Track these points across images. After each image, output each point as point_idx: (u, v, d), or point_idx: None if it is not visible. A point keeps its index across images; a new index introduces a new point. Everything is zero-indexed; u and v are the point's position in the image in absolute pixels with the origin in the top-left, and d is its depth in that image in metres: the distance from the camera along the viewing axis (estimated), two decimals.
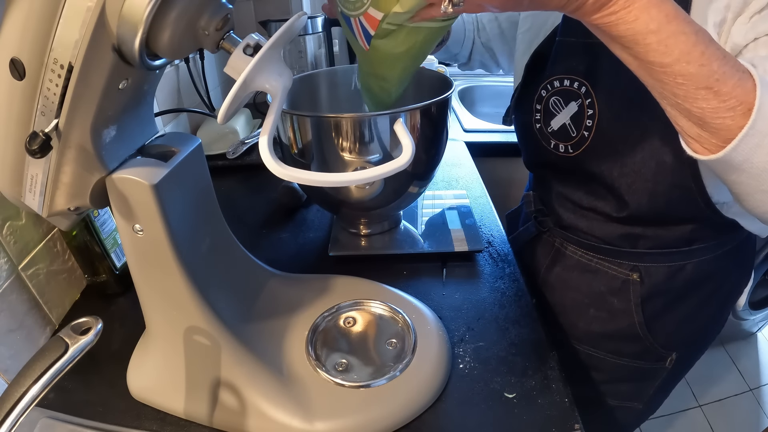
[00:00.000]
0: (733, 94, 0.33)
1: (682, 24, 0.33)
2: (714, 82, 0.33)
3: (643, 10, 0.32)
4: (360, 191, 0.62)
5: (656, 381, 0.74)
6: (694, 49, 0.33)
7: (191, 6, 0.33)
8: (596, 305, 0.70)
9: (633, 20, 0.33)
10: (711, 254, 0.64)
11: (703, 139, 0.36)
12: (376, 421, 0.46)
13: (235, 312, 0.51)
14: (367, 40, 0.44)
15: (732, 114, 0.33)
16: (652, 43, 0.33)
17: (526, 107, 0.66)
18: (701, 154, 0.37)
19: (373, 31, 0.42)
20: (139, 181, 0.39)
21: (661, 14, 0.32)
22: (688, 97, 0.34)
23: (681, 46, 0.33)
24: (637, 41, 0.33)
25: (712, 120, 0.34)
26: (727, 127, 0.34)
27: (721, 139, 0.35)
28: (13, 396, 0.28)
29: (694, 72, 0.33)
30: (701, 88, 0.33)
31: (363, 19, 0.42)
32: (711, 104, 0.33)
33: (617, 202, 0.61)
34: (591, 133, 0.58)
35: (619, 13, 0.33)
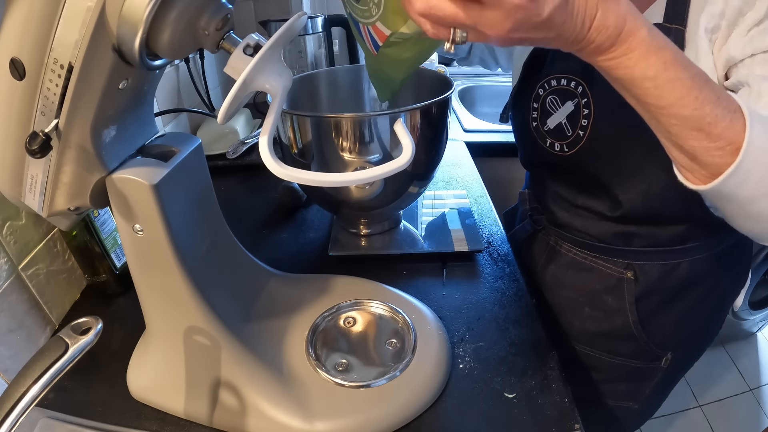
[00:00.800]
0: (724, 136, 0.35)
1: (679, 70, 0.34)
2: (706, 125, 0.34)
3: (642, 57, 0.33)
4: (360, 191, 0.62)
5: (652, 381, 0.74)
6: (689, 94, 0.34)
7: (191, 6, 0.33)
8: (591, 304, 0.70)
9: (632, 66, 0.34)
10: (705, 253, 0.64)
11: (694, 170, 0.38)
12: (376, 421, 0.46)
13: (235, 312, 0.51)
14: (375, 48, 0.45)
15: (721, 153, 0.35)
16: (649, 87, 0.34)
17: (524, 106, 0.67)
18: (692, 182, 0.39)
19: (381, 42, 0.43)
20: (139, 181, 0.39)
21: (660, 62, 0.33)
22: (680, 136, 0.36)
23: (676, 91, 0.34)
24: (634, 85, 0.35)
25: (703, 157, 0.36)
26: (716, 164, 0.36)
27: (710, 172, 0.37)
28: (13, 396, 0.28)
29: (687, 115, 0.34)
30: (693, 129, 0.35)
31: (371, 29, 0.43)
32: (702, 144, 0.35)
33: (611, 201, 0.61)
34: (586, 133, 0.58)
35: (620, 59, 0.34)
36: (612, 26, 0.32)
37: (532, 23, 0.30)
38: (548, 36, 0.32)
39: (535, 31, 0.32)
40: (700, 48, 0.47)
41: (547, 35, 0.32)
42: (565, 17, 0.31)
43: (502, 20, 0.30)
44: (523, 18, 0.30)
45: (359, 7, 0.42)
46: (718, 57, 0.47)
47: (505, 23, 0.30)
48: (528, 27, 0.31)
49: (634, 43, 0.33)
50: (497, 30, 0.31)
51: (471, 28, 0.31)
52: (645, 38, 0.33)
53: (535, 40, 0.33)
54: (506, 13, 0.29)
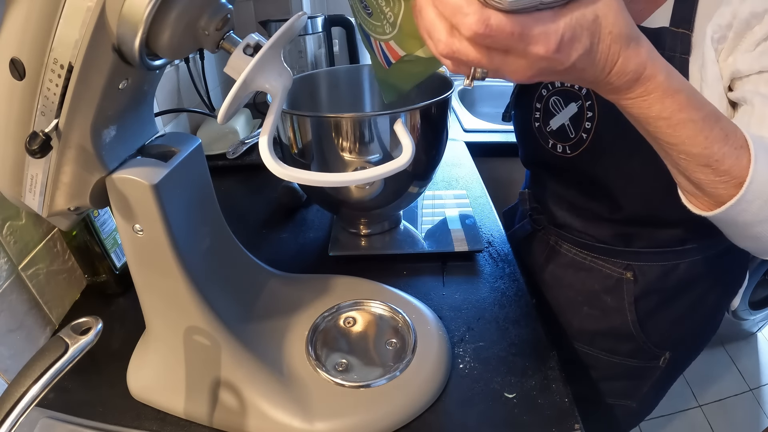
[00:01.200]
0: (729, 172, 0.36)
1: (692, 112, 0.34)
2: (713, 162, 0.36)
3: (658, 100, 0.33)
4: (360, 191, 0.62)
5: (650, 380, 0.74)
6: (700, 134, 0.35)
7: (191, 6, 0.33)
8: (590, 303, 0.70)
9: (647, 107, 0.34)
10: (704, 254, 0.64)
11: (698, 197, 0.40)
12: (376, 421, 0.46)
13: (235, 312, 0.51)
14: (387, 63, 0.44)
15: (725, 186, 0.37)
16: (662, 126, 0.35)
17: (526, 105, 0.67)
18: (695, 206, 0.41)
19: (394, 60, 0.42)
20: (139, 181, 0.39)
21: (675, 104, 0.34)
22: (688, 169, 0.37)
23: (688, 132, 0.35)
24: (648, 123, 0.35)
25: (707, 188, 0.37)
26: (719, 195, 0.37)
27: (713, 200, 0.38)
28: (13, 396, 0.28)
29: (696, 153, 0.35)
30: (701, 165, 0.36)
31: (384, 46, 0.42)
32: (708, 177, 0.37)
33: (612, 203, 0.61)
34: (589, 136, 0.58)
35: (636, 100, 0.34)
36: (632, 72, 0.32)
37: (555, 70, 0.31)
38: (567, 78, 0.33)
39: (556, 76, 0.32)
40: (706, 55, 0.47)
41: (566, 78, 0.33)
42: (587, 64, 0.31)
43: (525, 68, 0.30)
44: (547, 67, 0.30)
45: (372, 22, 0.41)
46: (723, 67, 0.47)
47: (528, 71, 0.30)
48: (550, 73, 0.31)
49: (651, 87, 0.33)
50: (519, 76, 0.31)
51: (493, 70, 0.31)
52: (662, 83, 0.33)
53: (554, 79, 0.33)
54: (530, 63, 0.29)
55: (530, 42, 0.28)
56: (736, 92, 0.46)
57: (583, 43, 0.29)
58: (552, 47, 0.28)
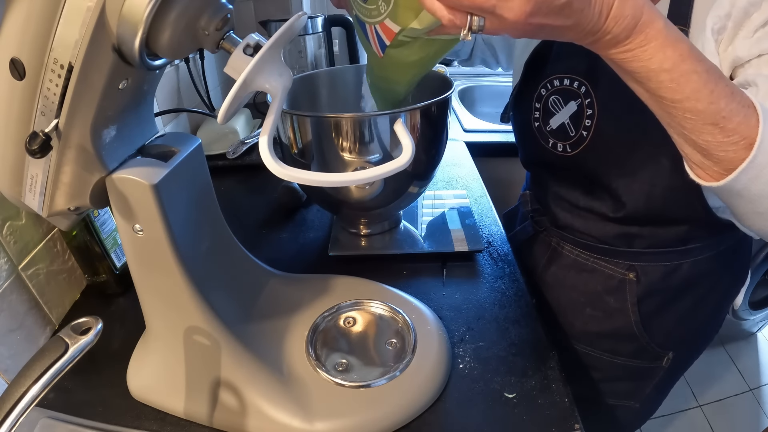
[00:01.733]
0: (738, 131, 0.34)
1: (695, 63, 0.33)
2: (720, 119, 0.34)
3: (659, 49, 0.33)
4: (360, 191, 0.62)
5: (653, 380, 0.74)
6: (705, 87, 0.34)
7: (191, 6, 0.33)
8: (592, 304, 0.70)
9: (648, 59, 0.33)
10: (707, 254, 0.64)
11: (705, 167, 0.38)
12: (376, 421, 0.46)
13: (235, 312, 0.51)
14: (382, 48, 0.44)
15: (735, 148, 0.35)
16: (665, 80, 0.34)
17: (525, 105, 0.66)
18: (703, 179, 0.39)
19: (389, 42, 0.42)
20: (139, 181, 0.39)
21: (676, 54, 0.33)
22: (694, 131, 0.36)
23: (692, 84, 0.34)
24: (650, 78, 0.34)
25: (716, 152, 0.36)
26: (729, 159, 0.35)
27: (722, 168, 0.36)
28: (13, 396, 0.28)
29: (702, 109, 0.34)
30: (708, 123, 0.35)
31: (379, 28, 0.42)
32: (716, 138, 0.35)
33: (614, 202, 0.61)
34: (589, 134, 0.58)
35: (635, 51, 0.33)
36: (629, 16, 0.32)
37: (552, 7, 0.30)
38: (566, 23, 0.32)
39: (554, 17, 0.31)
40: (706, 48, 0.47)
41: (564, 22, 0.32)
42: (584, 4, 0.31)
43: (522, 3, 0.29)
44: (544, 0, 0.29)
45: (366, 7, 0.41)
46: (724, 57, 0.47)
47: (525, 6, 0.30)
48: (547, 11, 0.30)
49: (651, 33, 0.32)
50: (516, 13, 0.30)
51: (489, 11, 0.31)
52: (662, 29, 0.32)
53: (553, 28, 0.32)
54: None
55: None
56: (739, 79, 0.46)
57: None
58: None
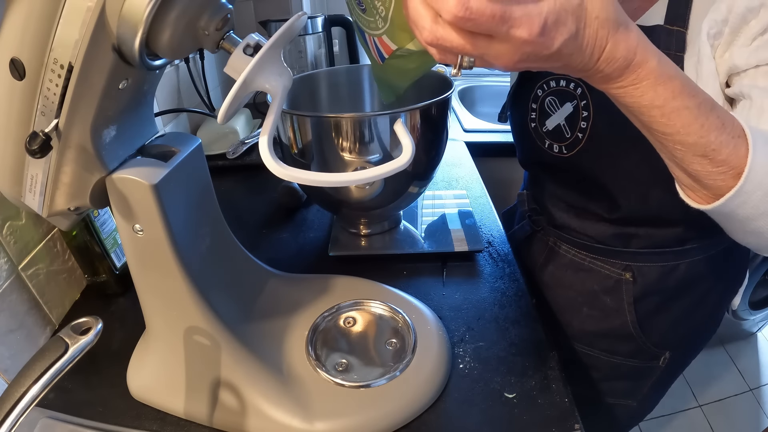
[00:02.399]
0: (727, 162, 0.35)
1: (687, 99, 0.34)
2: (710, 152, 0.35)
3: (650, 87, 0.33)
4: (360, 191, 0.62)
5: (650, 380, 0.74)
6: (695, 122, 0.34)
7: (191, 6, 0.33)
8: (589, 304, 0.70)
9: (640, 96, 0.34)
10: (704, 254, 0.64)
11: (696, 190, 0.39)
12: (376, 421, 0.46)
13: (235, 312, 0.51)
14: (381, 58, 0.44)
15: (723, 177, 0.36)
16: (656, 116, 0.34)
17: (522, 106, 0.67)
18: (694, 200, 0.40)
19: (387, 55, 0.42)
20: (139, 181, 0.39)
21: (668, 91, 0.33)
22: (684, 160, 0.36)
23: (683, 120, 0.34)
24: (642, 112, 0.35)
25: (705, 180, 0.37)
26: (718, 187, 0.36)
27: (712, 193, 0.38)
28: (13, 396, 0.28)
29: (692, 142, 0.35)
30: (698, 155, 0.35)
31: (377, 41, 0.42)
32: (705, 168, 0.36)
33: (610, 203, 0.61)
34: (585, 135, 0.58)
35: (627, 88, 0.33)
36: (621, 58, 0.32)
37: (540, 56, 0.30)
38: (555, 65, 0.32)
39: (542, 62, 0.31)
40: (702, 52, 0.47)
41: (554, 65, 0.32)
42: (574, 49, 0.31)
43: (510, 53, 0.30)
44: (532, 51, 0.29)
45: (366, 18, 0.42)
46: (720, 63, 0.47)
47: (513, 56, 0.30)
48: (536, 59, 0.30)
49: (643, 73, 0.33)
50: (505, 61, 0.30)
51: (478, 57, 0.31)
52: (654, 69, 0.32)
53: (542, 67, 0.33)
54: (515, 48, 0.29)
55: (512, 25, 0.27)
56: (734, 87, 0.46)
57: (568, 27, 0.29)
58: (535, 31, 0.28)
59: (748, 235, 0.41)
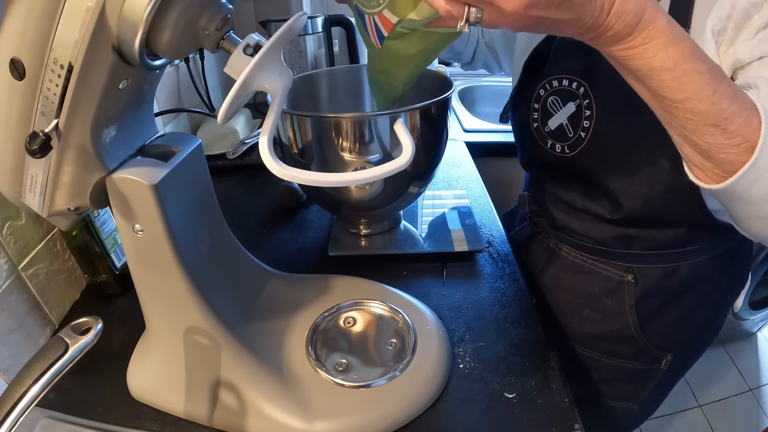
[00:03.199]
0: (740, 133, 0.34)
1: (698, 63, 0.33)
2: (723, 121, 0.34)
3: (661, 48, 0.32)
4: (360, 191, 0.62)
5: (652, 382, 0.74)
6: (707, 88, 0.33)
7: (191, 6, 0.33)
8: (590, 306, 0.70)
9: (650, 57, 0.33)
10: (706, 256, 0.64)
11: (706, 169, 0.37)
12: (376, 421, 0.46)
13: (235, 312, 0.51)
14: (380, 40, 0.44)
15: (736, 150, 0.34)
16: (666, 80, 0.33)
17: (524, 106, 0.66)
18: (703, 181, 0.38)
19: (387, 33, 0.42)
20: (139, 181, 0.39)
21: (678, 53, 0.32)
22: (696, 131, 0.35)
23: (694, 84, 0.33)
24: (651, 76, 0.34)
25: (717, 154, 0.35)
26: (730, 162, 0.35)
27: (723, 170, 0.36)
28: (13, 396, 0.28)
29: (704, 110, 0.34)
30: (710, 125, 0.34)
31: (377, 19, 0.42)
32: (717, 140, 0.34)
33: (612, 204, 0.61)
34: (588, 135, 0.58)
35: (637, 48, 0.33)
36: (632, 12, 0.31)
37: (552, 1, 0.29)
38: (566, 17, 0.31)
39: (554, 10, 0.30)
40: (706, 49, 0.47)
41: (564, 16, 0.31)
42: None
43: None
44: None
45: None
46: (724, 59, 0.47)
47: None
48: (547, 3, 0.30)
49: (653, 31, 0.32)
50: (515, 4, 0.29)
51: (487, 2, 0.30)
52: (664, 28, 0.32)
53: (552, 21, 0.32)
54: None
55: None
56: (739, 81, 0.46)
57: None
58: None
59: (759, 222, 0.39)
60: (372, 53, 0.49)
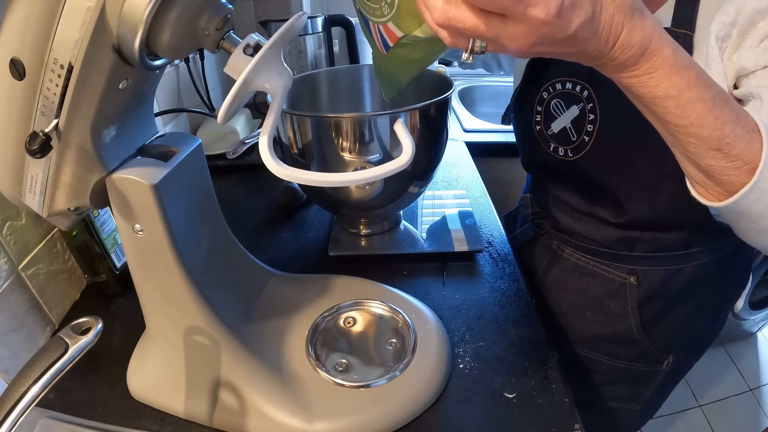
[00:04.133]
0: (741, 156, 0.34)
1: (702, 90, 0.33)
2: (724, 145, 0.34)
3: (665, 77, 0.32)
4: (360, 191, 0.62)
5: (653, 383, 0.74)
6: (710, 114, 0.33)
7: (191, 6, 0.33)
8: (593, 308, 0.70)
9: (654, 85, 0.33)
10: (708, 258, 0.63)
11: (708, 187, 0.38)
12: (376, 421, 0.46)
13: (235, 312, 0.51)
14: (385, 47, 0.44)
15: (738, 172, 0.35)
16: (670, 107, 0.34)
17: (527, 108, 0.66)
18: (705, 198, 0.39)
19: (392, 44, 0.42)
20: (139, 181, 0.39)
21: (683, 81, 0.33)
22: (698, 155, 0.36)
23: (697, 111, 0.33)
24: (655, 103, 0.34)
25: (719, 175, 0.36)
26: (731, 183, 0.36)
27: (725, 190, 0.37)
28: (13, 396, 0.28)
29: (707, 135, 0.34)
30: (712, 149, 0.35)
31: (382, 29, 0.42)
32: (719, 163, 0.35)
33: (615, 208, 0.61)
34: (592, 138, 0.58)
35: (641, 77, 0.33)
36: (637, 45, 0.31)
37: (556, 39, 0.30)
38: (570, 51, 0.32)
39: (557, 46, 0.31)
40: (710, 55, 0.47)
41: (569, 50, 0.31)
42: (590, 34, 0.30)
43: (525, 35, 0.29)
44: (548, 33, 0.29)
45: (370, 5, 0.41)
46: (728, 65, 0.47)
47: (528, 38, 0.29)
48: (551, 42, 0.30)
49: (658, 62, 0.32)
50: (519, 44, 0.30)
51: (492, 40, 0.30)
52: (669, 58, 0.32)
53: (556, 54, 0.32)
54: (530, 29, 0.28)
55: (529, 4, 0.27)
56: (743, 89, 0.46)
57: (585, 9, 0.29)
58: (552, 11, 0.27)
59: (759, 234, 0.40)
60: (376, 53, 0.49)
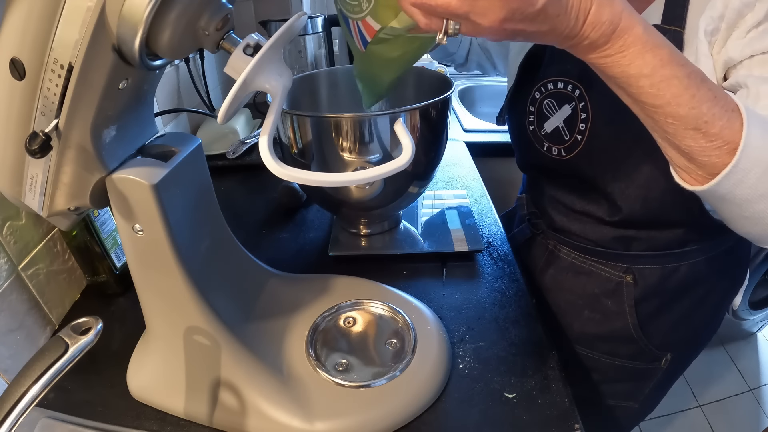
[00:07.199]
0: (721, 135, 0.34)
1: (676, 68, 0.33)
2: (702, 124, 0.34)
3: (638, 55, 0.33)
4: (360, 191, 0.62)
5: (651, 381, 0.74)
6: (686, 92, 0.33)
7: (191, 6, 0.33)
8: (590, 307, 0.70)
9: (627, 64, 0.33)
10: (704, 256, 0.64)
11: (690, 170, 0.38)
12: (376, 421, 0.46)
13: (235, 312, 0.51)
14: (364, 44, 0.44)
15: (718, 152, 0.35)
16: (645, 86, 0.34)
17: (520, 108, 0.66)
18: (688, 183, 0.39)
19: (370, 38, 0.43)
20: (139, 181, 0.39)
21: (656, 59, 0.33)
22: (677, 135, 0.35)
23: (673, 90, 0.33)
24: (630, 83, 0.34)
25: (699, 156, 0.36)
26: (713, 164, 0.35)
27: (706, 172, 0.36)
28: (13, 396, 0.28)
29: (683, 114, 0.34)
30: (690, 128, 0.34)
31: (361, 24, 0.43)
32: (699, 143, 0.35)
33: (610, 206, 0.61)
34: (584, 137, 0.58)
35: (614, 56, 0.33)
36: (606, 22, 0.32)
37: (526, 13, 0.30)
38: (542, 29, 0.32)
39: (529, 23, 0.31)
40: (699, 50, 0.47)
41: (540, 28, 0.32)
42: (559, 10, 0.31)
43: (495, 9, 0.30)
44: (517, 7, 0.30)
45: (349, 2, 0.42)
46: (716, 59, 0.47)
47: (499, 12, 0.30)
48: (522, 17, 0.30)
49: (629, 40, 0.32)
50: (490, 19, 0.30)
51: (464, 17, 0.31)
52: (641, 35, 0.32)
53: (529, 33, 0.33)
54: (500, 2, 0.29)
55: None
56: (731, 80, 0.46)
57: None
58: None
59: (747, 222, 0.40)
60: (357, 55, 0.49)
